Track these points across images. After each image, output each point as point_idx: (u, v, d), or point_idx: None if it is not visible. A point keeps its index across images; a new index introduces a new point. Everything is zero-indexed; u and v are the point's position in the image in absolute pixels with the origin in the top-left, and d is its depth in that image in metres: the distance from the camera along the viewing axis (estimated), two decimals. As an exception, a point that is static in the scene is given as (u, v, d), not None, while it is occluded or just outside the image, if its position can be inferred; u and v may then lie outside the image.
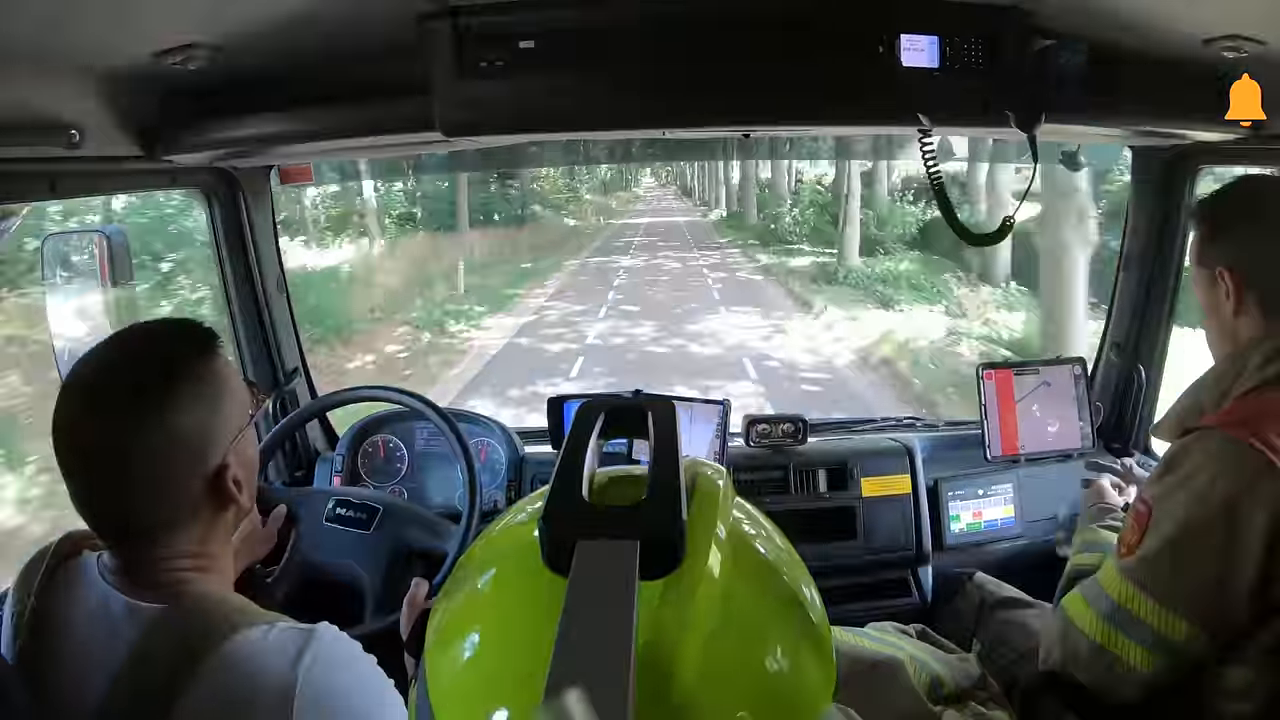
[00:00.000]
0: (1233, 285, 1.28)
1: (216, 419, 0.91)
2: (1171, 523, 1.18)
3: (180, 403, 0.88)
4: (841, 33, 1.29)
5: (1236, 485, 1.14)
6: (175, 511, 0.90)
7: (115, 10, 1.10)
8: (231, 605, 0.90)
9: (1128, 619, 1.20)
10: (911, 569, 2.05)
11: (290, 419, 1.89)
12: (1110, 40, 1.32)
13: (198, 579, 0.91)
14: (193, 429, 0.89)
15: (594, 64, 1.28)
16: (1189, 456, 1.20)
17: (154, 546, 0.90)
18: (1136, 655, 1.20)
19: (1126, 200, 2.10)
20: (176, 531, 0.90)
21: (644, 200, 39.26)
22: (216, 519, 0.94)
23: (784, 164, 21.53)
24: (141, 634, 0.85)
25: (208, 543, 0.93)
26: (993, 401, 2.05)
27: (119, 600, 0.88)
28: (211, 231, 1.92)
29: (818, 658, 0.55)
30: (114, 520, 0.90)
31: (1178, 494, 1.19)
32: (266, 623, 0.87)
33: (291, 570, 1.64)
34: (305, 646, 0.85)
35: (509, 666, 0.51)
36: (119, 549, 0.91)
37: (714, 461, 1.93)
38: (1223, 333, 1.32)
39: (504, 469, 2.07)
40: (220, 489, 0.92)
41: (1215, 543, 1.14)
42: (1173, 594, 1.17)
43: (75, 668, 0.87)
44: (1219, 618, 1.15)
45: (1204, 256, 1.33)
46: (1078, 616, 1.27)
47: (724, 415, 1.99)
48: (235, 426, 0.94)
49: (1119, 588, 1.22)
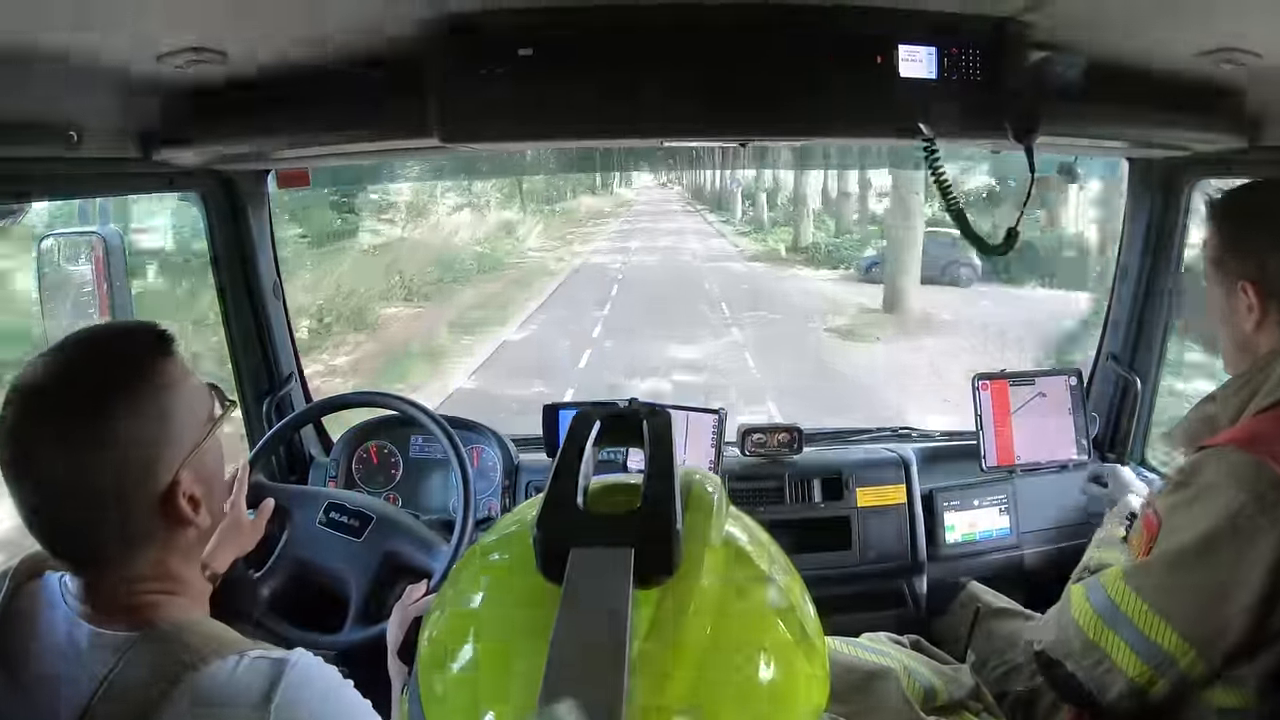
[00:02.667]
0: (1256, 298, 1.26)
1: (165, 431, 0.85)
2: (1180, 536, 1.18)
3: (120, 412, 0.82)
4: (840, 43, 1.29)
5: (1249, 503, 1.13)
6: (124, 530, 0.84)
7: (120, 13, 1.10)
8: (202, 634, 0.85)
9: (1118, 617, 1.21)
10: (906, 579, 2.04)
11: (285, 424, 1.89)
12: (1107, 52, 1.33)
13: (166, 602, 0.86)
14: (137, 441, 0.83)
15: (592, 73, 1.28)
16: (1203, 472, 1.20)
17: (111, 569, 0.85)
18: (1124, 657, 1.20)
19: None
20: (132, 553, 0.85)
21: (630, 211, 29.22)
22: (173, 540, 0.87)
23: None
24: (108, 666, 0.81)
25: (169, 565, 0.87)
26: (988, 412, 2.05)
27: (83, 629, 0.83)
28: (208, 235, 1.91)
29: (812, 667, 0.54)
30: (61, 539, 0.85)
31: (1189, 508, 1.19)
32: (237, 653, 0.83)
33: (280, 568, 1.63)
34: (278, 679, 0.81)
35: (503, 675, 0.51)
36: (77, 571, 0.86)
37: (709, 471, 1.94)
38: (1240, 345, 1.30)
39: (498, 476, 2.06)
40: (173, 509, 0.85)
41: (1220, 559, 1.14)
42: (1165, 601, 1.17)
43: (40, 700, 0.82)
44: (1210, 635, 1.15)
45: (1223, 267, 1.30)
46: (1075, 607, 1.28)
47: (719, 424, 1.99)
48: (190, 440, 0.87)
49: (1116, 586, 1.23)
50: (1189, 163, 1.85)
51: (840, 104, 1.32)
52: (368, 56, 1.34)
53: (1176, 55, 1.33)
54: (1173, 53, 1.33)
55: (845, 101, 1.31)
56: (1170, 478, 1.26)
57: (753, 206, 24.02)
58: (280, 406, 2.06)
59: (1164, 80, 1.41)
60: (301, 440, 2.15)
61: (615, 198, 31.71)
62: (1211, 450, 1.21)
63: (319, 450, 2.19)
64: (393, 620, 1.26)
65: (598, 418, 0.59)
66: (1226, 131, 1.51)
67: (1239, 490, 1.14)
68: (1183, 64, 1.34)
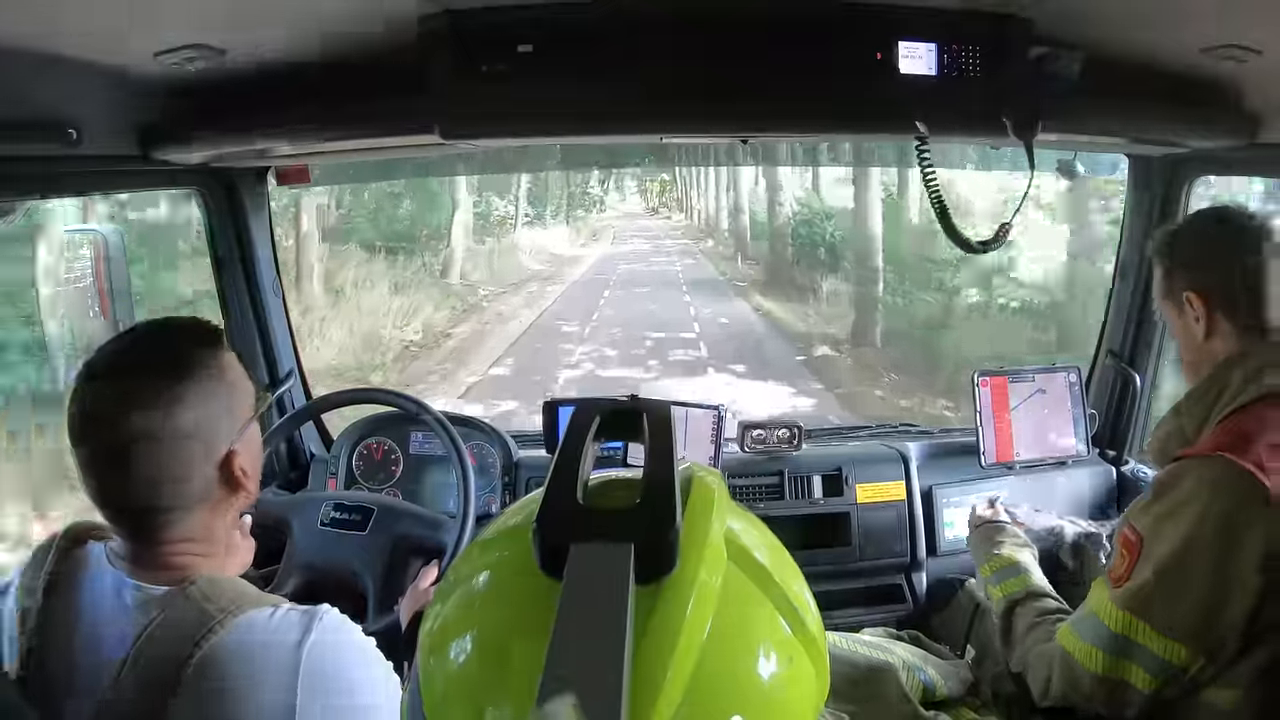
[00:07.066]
0: (1201, 307, 1.32)
1: (226, 410, 0.96)
2: (1165, 551, 1.19)
3: (194, 395, 0.93)
4: (840, 39, 1.29)
5: (1230, 509, 1.15)
6: (187, 499, 0.94)
7: (119, 10, 1.10)
8: (237, 588, 0.94)
9: (1131, 646, 1.21)
10: (905, 575, 2.05)
11: (286, 421, 1.90)
12: (1107, 48, 1.33)
13: (202, 564, 0.95)
14: (205, 420, 0.94)
15: (593, 69, 1.28)
16: (1179, 484, 1.21)
17: (163, 531, 0.94)
18: (1141, 679, 1.20)
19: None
20: (186, 518, 0.94)
21: (599, 250, 19.90)
22: (224, 505, 0.98)
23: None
24: (150, 615, 0.89)
25: (212, 529, 0.98)
26: (988, 408, 2.06)
27: (129, 585, 0.92)
28: (208, 233, 1.91)
29: (811, 663, 0.55)
30: (130, 510, 0.93)
31: (1169, 522, 1.20)
32: (271, 605, 0.92)
33: (289, 577, 1.64)
34: (310, 627, 0.89)
35: (502, 671, 0.51)
36: (131, 536, 0.95)
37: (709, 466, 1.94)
38: (1198, 356, 1.35)
39: (498, 472, 2.06)
40: (230, 475, 0.96)
41: (1210, 568, 1.15)
42: (1173, 623, 1.17)
43: (87, 650, 0.91)
44: (1216, 641, 1.16)
45: (1168, 287, 1.38)
46: (1076, 651, 1.27)
47: (719, 421, 1.99)
48: (242, 417, 0.98)
49: (1116, 617, 1.22)
50: (1189, 159, 1.85)
51: (840, 100, 1.32)
52: (368, 53, 1.34)
53: (1176, 52, 1.33)
54: (1173, 49, 1.33)
55: (845, 98, 1.31)
56: (1146, 493, 1.27)
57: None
58: (280, 403, 2.07)
59: (1164, 77, 1.41)
60: (301, 437, 2.15)
61: (584, 231, 20.97)
62: (1187, 461, 1.23)
63: (319, 447, 2.20)
64: (405, 599, 1.28)
65: (597, 413, 0.59)
66: (1226, 128, 1.51)
67: (1218, 495, 1.16)
68: (1183, 61, 1.34)
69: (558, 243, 20.81)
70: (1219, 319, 1.31)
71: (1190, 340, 1.35)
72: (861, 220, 13.25)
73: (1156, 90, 1.44)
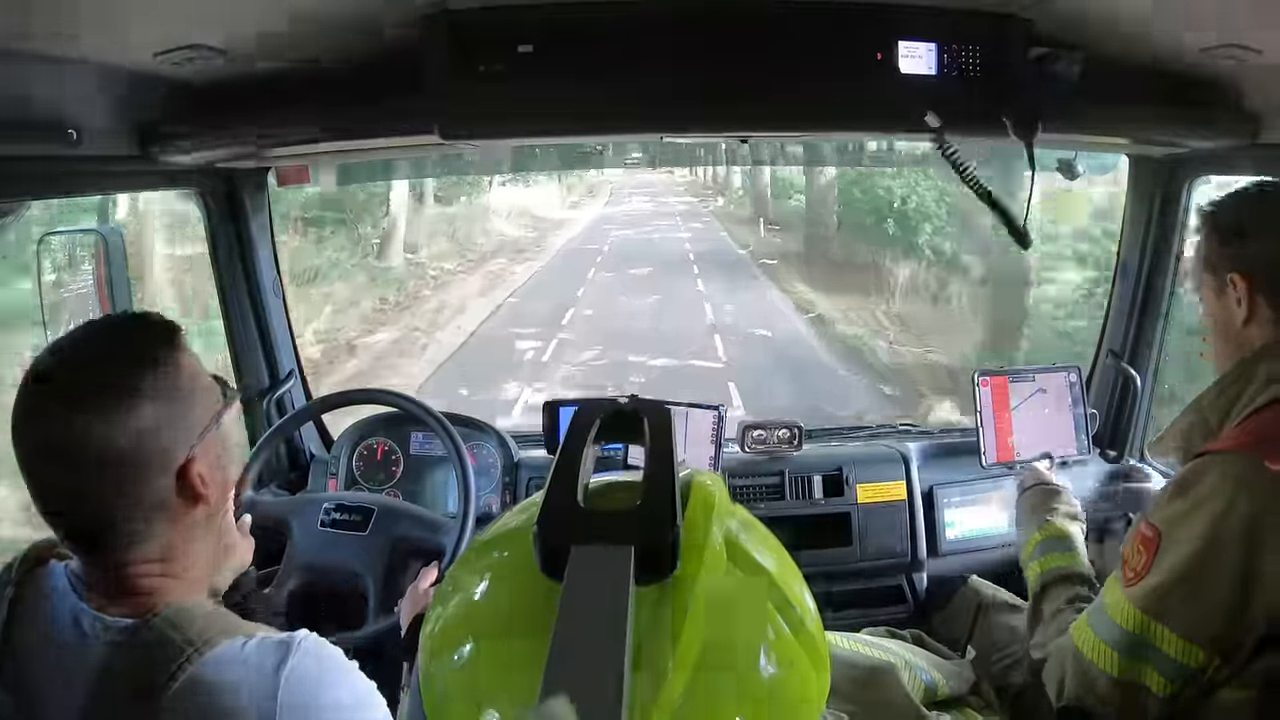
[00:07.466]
0: (1245, 291, 1.25)
1: (182, 413, 0.88)
2: (1186, 549, 1.14)
3: (145, 397, 0.85)
4: (840, 39, 1.29)
5: (1256, 509, 1.10)
6: (143, 511, 0.86)
7: (118, 11, 1.10)
8: (207, 618, 0.86)
9: (1147, 648, 1.16)
10: (906, 575, 2.05)
11: (285, 421, 1.89)
12: (1107, 49, 1.33)
13: (170, 587, 0.88)
14: (159, 423, 0.86)
15: (592, 69, 1.28)
16: (1203, 480, 1.16)
17: (122, 552, 0.86)
18: (1157, 683, 1.16)
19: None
20: (146, 535, 0.87)
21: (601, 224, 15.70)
22: (184, 519, 0.89)
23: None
24: (113, 650, 0.83)
25: (177, 547, 0.90)
26: (988, 408, 2.05)
27: (88, 615, 0.85)
28: (208, 233, 1.91)
29: (812, 663, 0.55)
30: (79, 522, 0.86)
31: (1191, 519, 1.15)
32: (244, 635, 0.85)
33: (289, 579, 1.64)
34: (285, 658, 0.83)
35: (503, 672, 0.51)
36: (86, 556, 0.88)
37: (709, 468, 1.94)
38: (1231, 341, 1.29)
39: (498, 473, 2.06)
40: (187, 485, 0.88)
41: (1232, 569, 1.11)
42: (1192, 626, 1.13)
43: (46, 687, 0.84)
44: (1234, 644, 1.12)
45: (1214, 263, 1.30)
46: (1091, 651, 1.23)
47: (719, 421, 1.99)
48: (200, 421, 0.90)
49: (1132, 617, 1.18)
50: (1189, 159, 1.84)
51: (841, 100, 1.32)
52: (367, 53, 1.34)
53: (1177, 52, 1.33)
54: (1173, 49, 1.33)
55: (845, 97, 1.31)
56: (1166, 488, 1.23)
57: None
58: (280, 404, 2.07)
59: (1164, 77, 1.41)
60: (301, 438, 2.15)
61: (571, 190, 15.67)
62: (1211, 456, 1.19)
63: (319, 447, 2.20)
64: (405, 601, 1.26)
65: (598, 414, 0.59)
66: (1227, 128, 1.51)
67: (1243, 494, 1.12)
68: (1183, 61, 1.34)
69: (543, 203, 17.37)
70: (1260, 303, 1.24)
71: (1227, 325, 1.29)
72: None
73: (1157, 90, 1.44)
